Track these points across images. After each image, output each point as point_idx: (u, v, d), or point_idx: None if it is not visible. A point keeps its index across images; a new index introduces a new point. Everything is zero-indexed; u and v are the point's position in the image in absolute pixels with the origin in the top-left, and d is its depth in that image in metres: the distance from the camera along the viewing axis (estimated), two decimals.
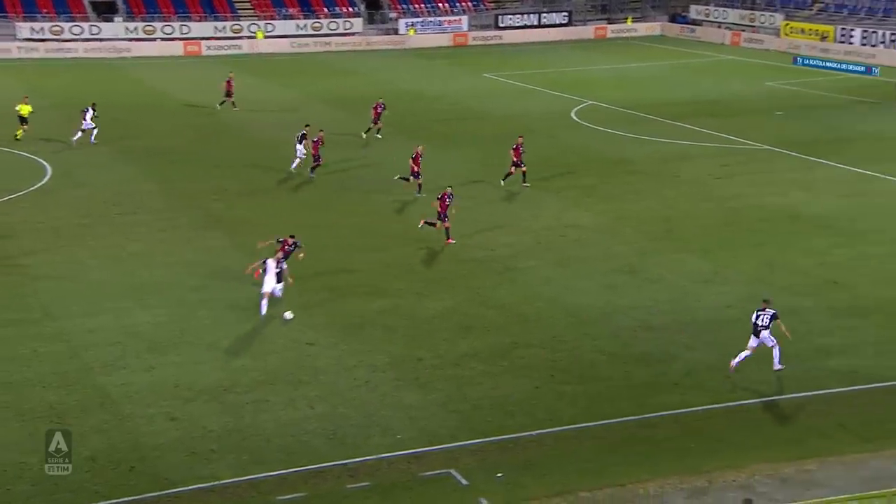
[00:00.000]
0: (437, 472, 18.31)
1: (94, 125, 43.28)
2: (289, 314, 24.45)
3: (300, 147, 38.91)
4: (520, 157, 36.31)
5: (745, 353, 21.79)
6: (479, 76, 64.56)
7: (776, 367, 21.75)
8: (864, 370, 22.22)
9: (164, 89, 58.80)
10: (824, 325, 24.68)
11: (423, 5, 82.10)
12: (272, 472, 18.24)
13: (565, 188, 37.16)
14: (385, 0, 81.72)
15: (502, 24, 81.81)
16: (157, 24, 74.69)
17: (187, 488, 17.74)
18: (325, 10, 79.31)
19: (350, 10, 79.88)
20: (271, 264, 25.26)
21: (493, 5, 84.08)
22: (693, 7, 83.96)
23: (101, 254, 30.03)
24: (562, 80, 61.80)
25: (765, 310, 21.66)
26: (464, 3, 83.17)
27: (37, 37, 71.71)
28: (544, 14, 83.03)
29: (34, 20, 72.70)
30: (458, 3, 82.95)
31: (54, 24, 72.62)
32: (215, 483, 17.90)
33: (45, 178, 38.31)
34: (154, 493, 17.56)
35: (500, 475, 18.14)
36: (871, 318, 24.77)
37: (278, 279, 25.30)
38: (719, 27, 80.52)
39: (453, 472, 18.24)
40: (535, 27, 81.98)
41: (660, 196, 36.18)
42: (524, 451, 19.15)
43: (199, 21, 76.08)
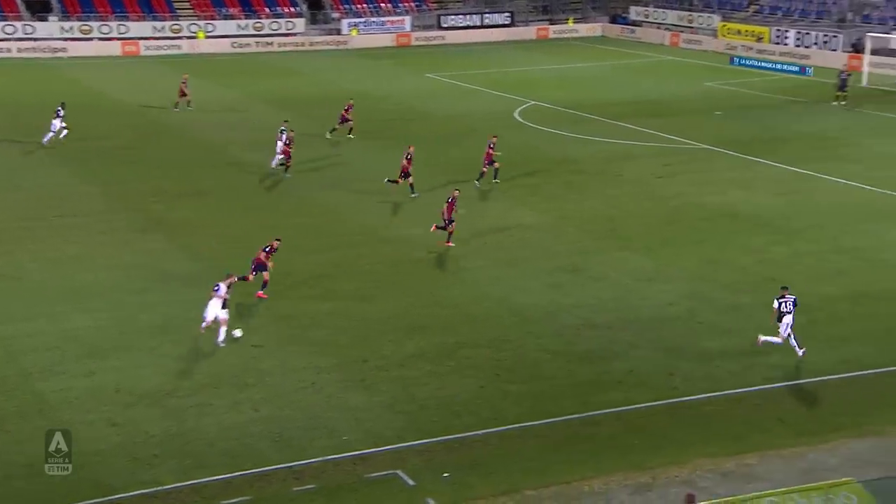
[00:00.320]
0: (384, 473, 18.29)
1: (64, 125, 42.75)
2: (237, 332, 23.39)
3: (280, 144, 38.85)
4: (491, 157, 37.13)
5: (776, 339, 22.90)
6: (422, 76, 64.56)
7: (799, 353, 22.78)
8: (801, 365, 22.68)
9: (101, 90, 57.91)
10: (763, 321, 25.05)
11: (365, 5, 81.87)
12: (216, 477, 18.05)
13: (510, 188, 37.33)
14: (327, 0, 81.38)
15: (445, 25, 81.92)
16: (94, 24, 73.43)
17: (129, 494, 17.48)
18: (267, 10, 78.67)
19: (292, 10, 79.36)
20: (222, 288, 23.30)
21: (435, 6, 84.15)
22: (633, 8, 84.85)
23: (40, 257, 29.50)
24: (505, 81, 62.05)
25: (784, 297, 22.85)
26: (406, 4, 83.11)
27: None
28: (487, 15, 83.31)
29: None
30: (400, 4, 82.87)
31: None
32: (158, 488, 17.68)
33: None
34: (96, 500, 17.28)
35: (446, 475, 18.17)
36: (808, 315, 25.23)
37: (224, 304, 23.39)
38: (659, 28, 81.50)
39: (400, 472, 18.23)
40: (478, 28, 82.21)
41: (603, 195, 36.53)
42: (470, 450, 19.20)
43: (138, 21, 74.97)
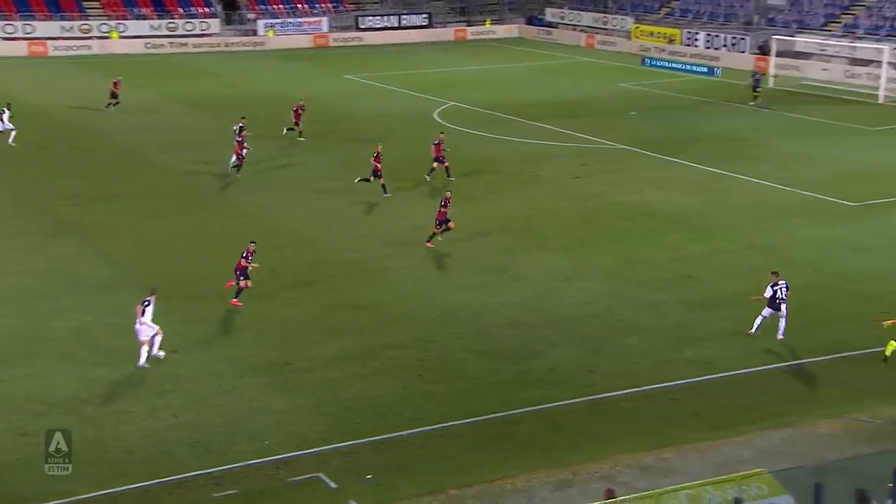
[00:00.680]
0: (307, 476, 18.15)
1: (11, 126, 41.59)
2: (161, 353, 22.48)
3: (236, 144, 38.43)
4: (440, 154, 37.51)
5: (760, 318, 23.62)
6: (340, 77, 64.25)
7: (779, 337, 23.53)
8: (716, 360, 23.12)
9: (6, 91, 56.16)
10: (679, 318, 25.62)
11: (282, 6, 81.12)
12: (134, 485, 17.72)
13: (431, 188, 37.35)
14: (242, 1, 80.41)
15: (363, 26, 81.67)
16: None
17: None
18: (181, 10, 77.40)
19: (206, 10, 78.21)
20: (150, 307, 22.02)
21: (353, 7, 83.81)
22: (549, 10, 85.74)
23: None
24: (423, 82, 62.13)
25: (777, 283, 23.34)
26: (323, 5, 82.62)
27: None
28: (404, 16, 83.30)
29: None
30: (317, 4, 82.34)
31: None
32: (75, 498, 17.25)
33: None
34: None
35: (369, 476, 18.13)
36: (723, 311, 25.84)
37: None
38: (574, 29, 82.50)
39: (322, 475, 18.12)
40: (396, 29, 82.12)
41: (521, 195, 36.83)
42: (395, 451, 19.18)
43: (45, 20, 73.10)
